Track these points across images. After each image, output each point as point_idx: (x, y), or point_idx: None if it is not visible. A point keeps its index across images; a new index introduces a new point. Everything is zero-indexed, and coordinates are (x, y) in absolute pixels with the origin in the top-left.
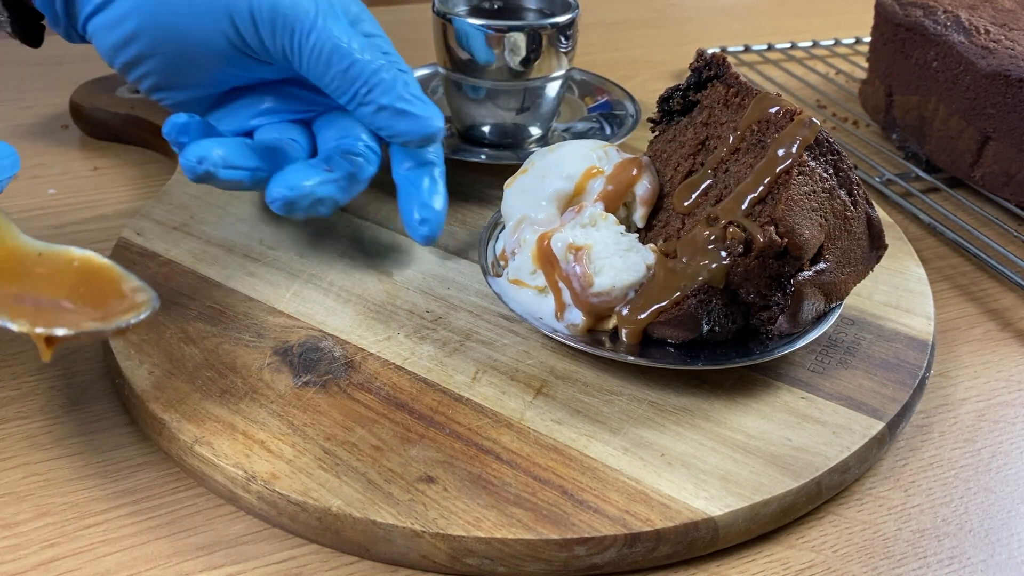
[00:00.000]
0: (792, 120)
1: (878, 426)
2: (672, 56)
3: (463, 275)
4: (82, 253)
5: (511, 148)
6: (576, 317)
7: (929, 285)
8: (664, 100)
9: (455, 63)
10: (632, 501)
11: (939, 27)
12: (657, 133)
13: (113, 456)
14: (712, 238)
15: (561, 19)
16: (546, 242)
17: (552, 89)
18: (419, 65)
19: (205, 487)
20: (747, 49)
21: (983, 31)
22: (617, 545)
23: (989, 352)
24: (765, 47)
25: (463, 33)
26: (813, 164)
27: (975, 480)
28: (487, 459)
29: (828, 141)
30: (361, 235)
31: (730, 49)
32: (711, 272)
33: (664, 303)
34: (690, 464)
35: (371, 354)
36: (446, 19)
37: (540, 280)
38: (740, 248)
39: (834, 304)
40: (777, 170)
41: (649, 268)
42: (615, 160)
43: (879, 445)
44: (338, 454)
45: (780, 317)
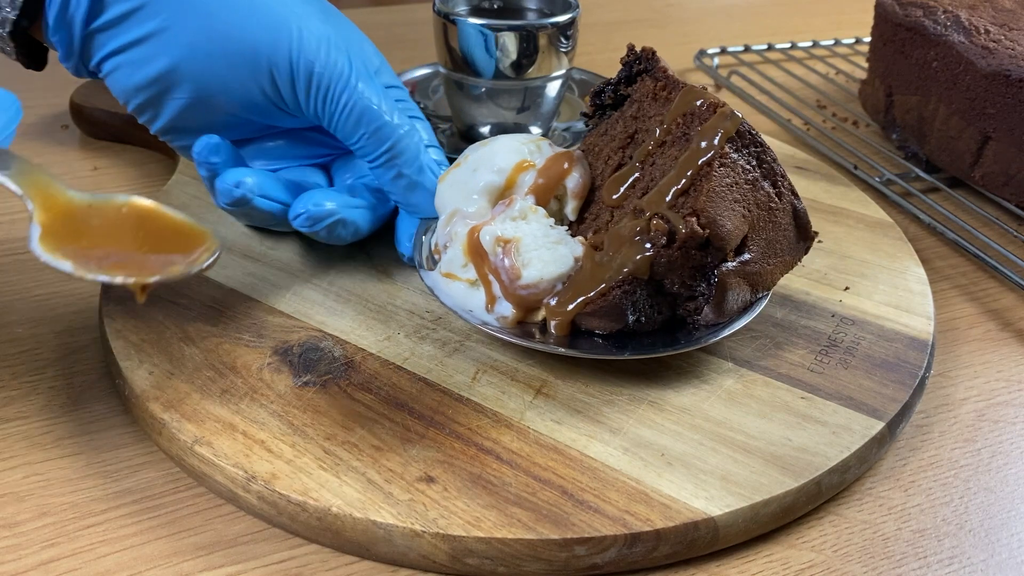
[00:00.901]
0: (715, 113)
1: (878, 426)
2: (672, 56)
3: None
4: (126, 199)
5: None
6: (506, 309)
7: (929, 285)
8: (596, 94)
9: (455, 63)
10: (632, 501)
11: (939, 27)
12: (590, 127)
13: (113, 456)
14: (637, 230)
15: (561, 19)
16: (476, 235)
17: (552, 89)
18: (419, 65)
19: (205, 487)
20: (747, 49)
21: (983, 31)
22: (617, 545)
23: (989, 352)
24: (765, 47)
25: (463, 33)
26: (735, 156)
27: (975, 480)
28: (487, 459)
29: (751, 133)
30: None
31: (730, 49)
32: (635, 264)
33: (590, 294)
34: (690, 464)
35: (371, 354)
36: (447, 19)
37: (471, 273)
38: (663, 240)
39: (761, 294)
40: (699, 162)
41: (577, 260)
42: (547, 154)
43: (879, 445)
44: (338, 454)
45: (705, 307)
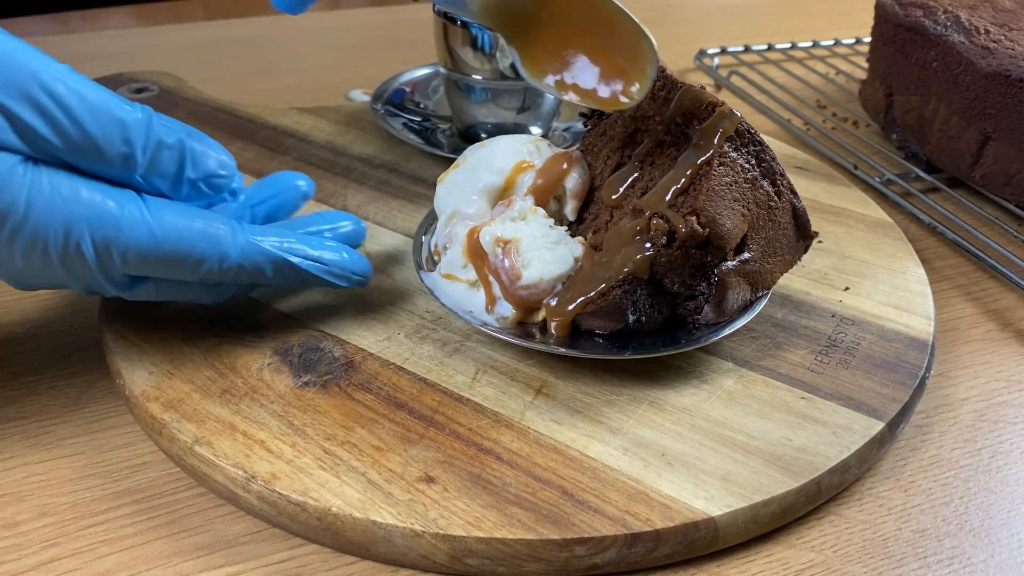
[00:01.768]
0: (714, 112)
1: (878, 426)
2: (672, 56)
3: None
4: None
5: None
6: (506, 310)
7: (929, 285)
8: None
9: (455, 63)
10: (632, 501)
11: (939, 27)
12: (589, 127)
13: (113, 456)
14: (637, 230)
15: None
16: (475, 236)
17: None
18: (419, 65)
19: (205, 487)
20: (747, 49)
21: (983, 31)
22: (617, 545)
23: (989, 352)
24: (765, 47)
25: (463, 33)
26: (735, 155)
27: (975, 480)
28: (487, 459)
29: (750, 132)
30: None
31: (730, 49)
32: (635, 263)
33: (591, 294)
34: (690, 464)
35: (371, 354)
36: (447, 19)
37: (471, 274)
38: (663, 239)
39: (760, 293)
40: (698, 161)
41: (577, 261)
42: (546, 154)
43: (879, 445)
44: (338, 454)
45: (706, 306)
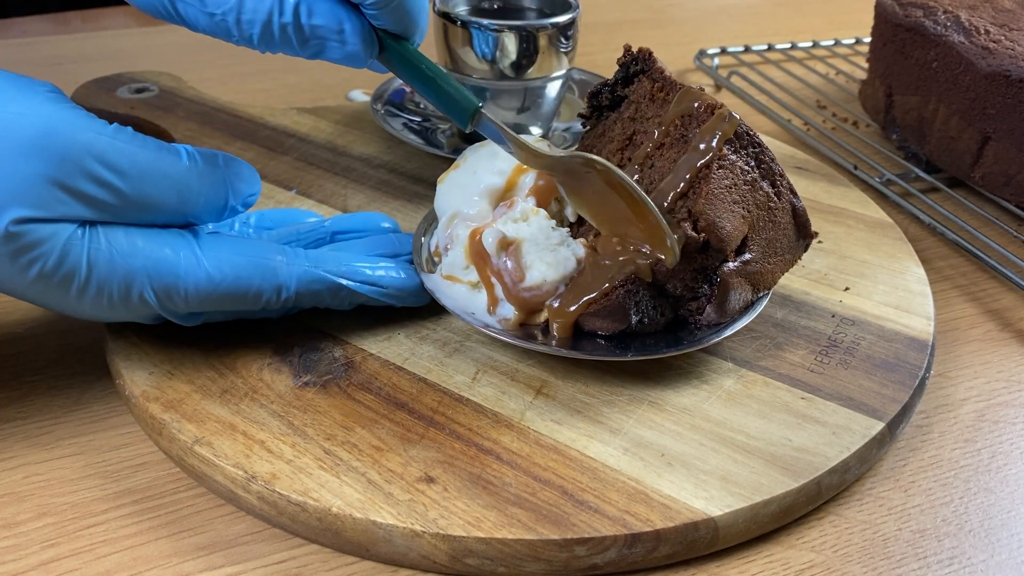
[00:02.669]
0: (713, 114)
1: (878, 426)
2: (672, 56)
3: None
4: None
5: None
6: (508, 311)
7: (929, 285)
8: (593, 95)
9: (456, 63)
10: (632, 501)
11: (939, 27)
12: (588, 128)
13: (113, 456)
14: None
15: (561, 19)
16: (478, 237)
17: (552, 89)
18: None
19: (205, 487)
20: (747, 49)
21: (983, 31)
22: (617, 545)
23: (989, 352)
24: (765, 47)
25: (463, 33)
26: (734, 157)
27: (975, 480)
28: (487, 459)
29: (749, 134)
30: None
31: (730, 49)
32: (637, 267)
33: (593, 295)
34: (690, 464)
35: (371, 354)
36: (447, 19)
37: (473, 275)
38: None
39: (762, 293)
40: (697, 165)
41: (580, 262)
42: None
43: (879, 445)
44: (338, 454)
45: (708, 307)
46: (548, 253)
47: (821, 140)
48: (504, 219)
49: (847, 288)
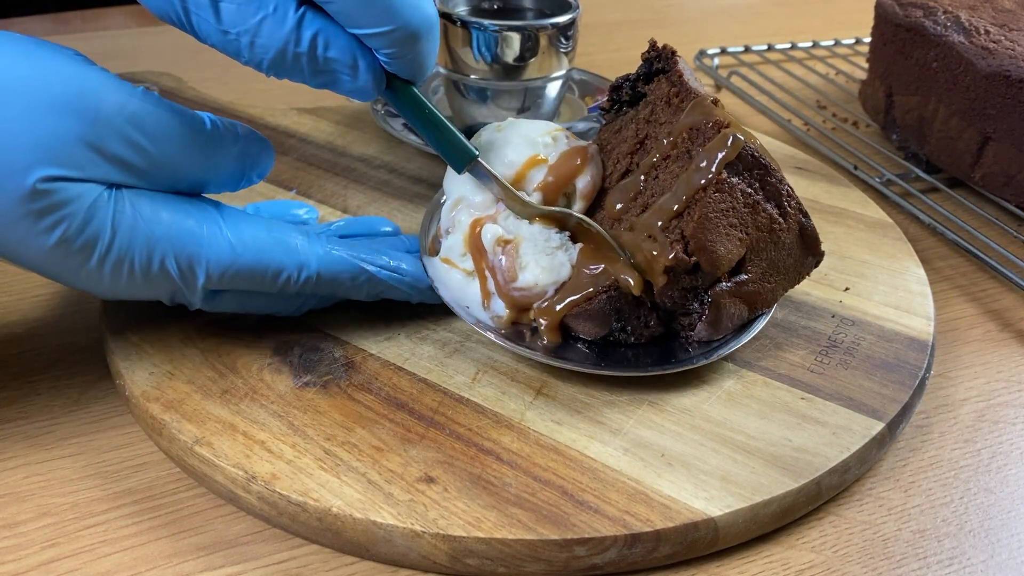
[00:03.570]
0: (719, 133)
1: (878, 426)
2: None
3: None
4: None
5: None
6: (500, 308)
7: (929, 285)
8: (614, 89)
9: (455, 63)
10: (632, 501)
11: (939, 27)
12: (606, 122)
13: (113, 456)
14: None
15: (561, 19)
16: (478, 229)
17: (552, 89)
18: None
19: (205, 487)
20: (747, 49)
21: (983, 31)
22: (617, 545)
23: (989, 352)
24: (765, 47)
25: (463, 33)
26: (735, 180)
27: (975, 480)
28: (487, 459)
29: (753, 156)
30: None
31: (730, 49)
32: (620, 280)
33: (577, 297)
34: (690, 464)
35: (371, 354)
36: (447, 19)
37: (469, 264)
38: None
39: (760, 312)
40: (695, 186)
41: (575, 268)
42: (563, 147)
43: (879, 445)
44: (338, 454)
45: (699, 324)
46: (544, 256)
47: (821, 140)
48: (506, 214)
49: (847, 288)
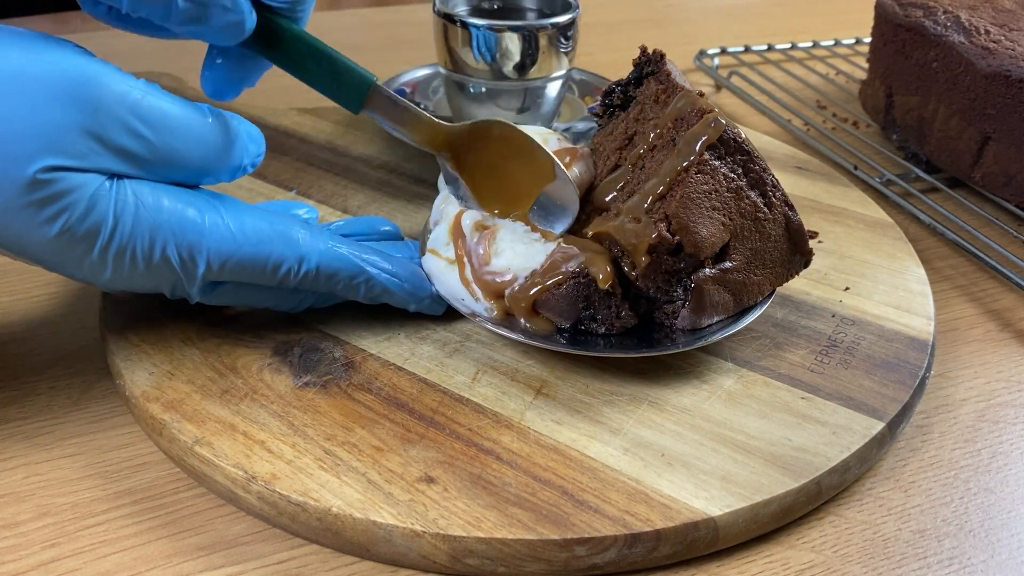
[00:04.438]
0: (701, 118)
1: (878, 426)
2: (672, 56)
3: None
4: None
5: None
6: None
7: (929, 285)
8: (606, 94)
9: (456, 63)
10: (632, 501)
11: (939, 28)
12: (600, 127)
13: (113, 456)
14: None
15: (561, 19)
16: (460, 216)
17: (552, 89)
18: (419, 65)
19: (205, 487)
20: (747, 49)
21: (983, 31)
22: (617, 545)
23: (989, 352)
24: (765, 47)
25: (464, 33)
26: (717, 163)
27: (975, 480)
28: (487, 459)
29: (736, 141)
30: None
31: (730, 49)
32: (591, 271)
33: (548, 282)
34: (690, 464)
35: (371, 354)
36: (447, 19)
37: (452, 253)
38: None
39: (749, 303)
40: (678, 168)
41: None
42: (554, 148)
43: (879, 445)
44: (338, 454)
45: (683, 311)
46: (520, 244)
47: (821, 140)
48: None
49: (847, 288)
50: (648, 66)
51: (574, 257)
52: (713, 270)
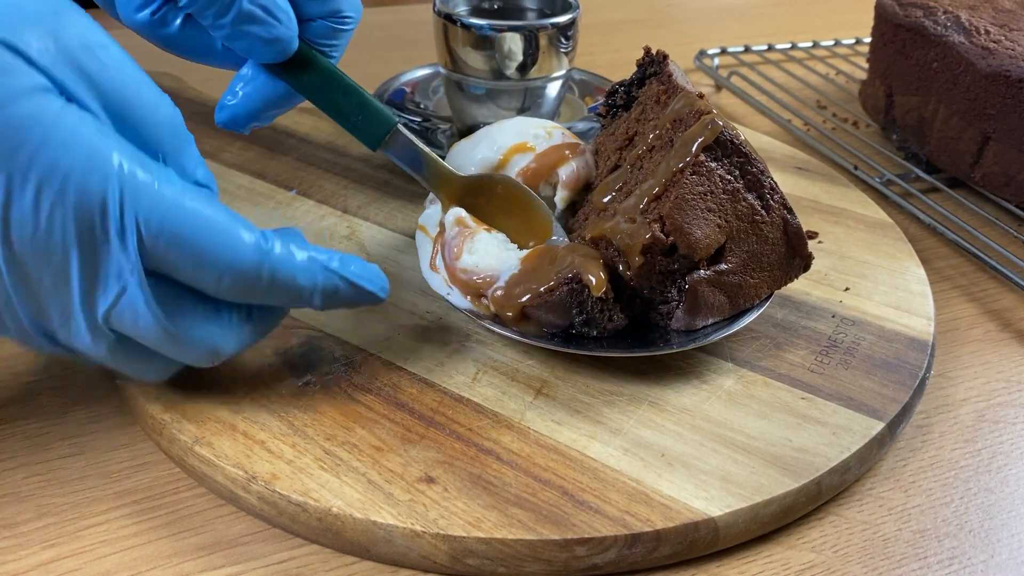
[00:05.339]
0: (698, 120)
1: (878, 426)
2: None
3: None
4: (500, 178)
5: None
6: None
7: (929, 285)
8: (609, 94)
9: (456, 63)
10: (632, 501)
11: (939, 27)
12: (603, 127)
13: (113, 456)
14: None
15: (561, 19)
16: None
17: (552, 89)
18: (419, 65)
19: (205, 487)
20: (747, 49)
21: (983, 31)
22: (617, 545)
23: (989, 352)
24: (765, 47)
25: (464, 33)
26: (713, 164)
27: (975, 480)
28: (487, 459)
29: (733, 143)
30: (361, 235)
31: (730, 49)
32: (584, 278)
33: (540, 289)
34: (690, 464)
35: (371, 354)
36: (447, 19)
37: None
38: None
39: (746, 306)
40: (674, 169)
41: (519, 265)
42: (556, 142)
43: (879, 445)
44: (338, 454)
45: (677, 312)
46: (494, 247)
47: (821, 140)
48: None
49: (847, 288)
50: (651, 67)
51: (566, 264)
52: (708, 272)
